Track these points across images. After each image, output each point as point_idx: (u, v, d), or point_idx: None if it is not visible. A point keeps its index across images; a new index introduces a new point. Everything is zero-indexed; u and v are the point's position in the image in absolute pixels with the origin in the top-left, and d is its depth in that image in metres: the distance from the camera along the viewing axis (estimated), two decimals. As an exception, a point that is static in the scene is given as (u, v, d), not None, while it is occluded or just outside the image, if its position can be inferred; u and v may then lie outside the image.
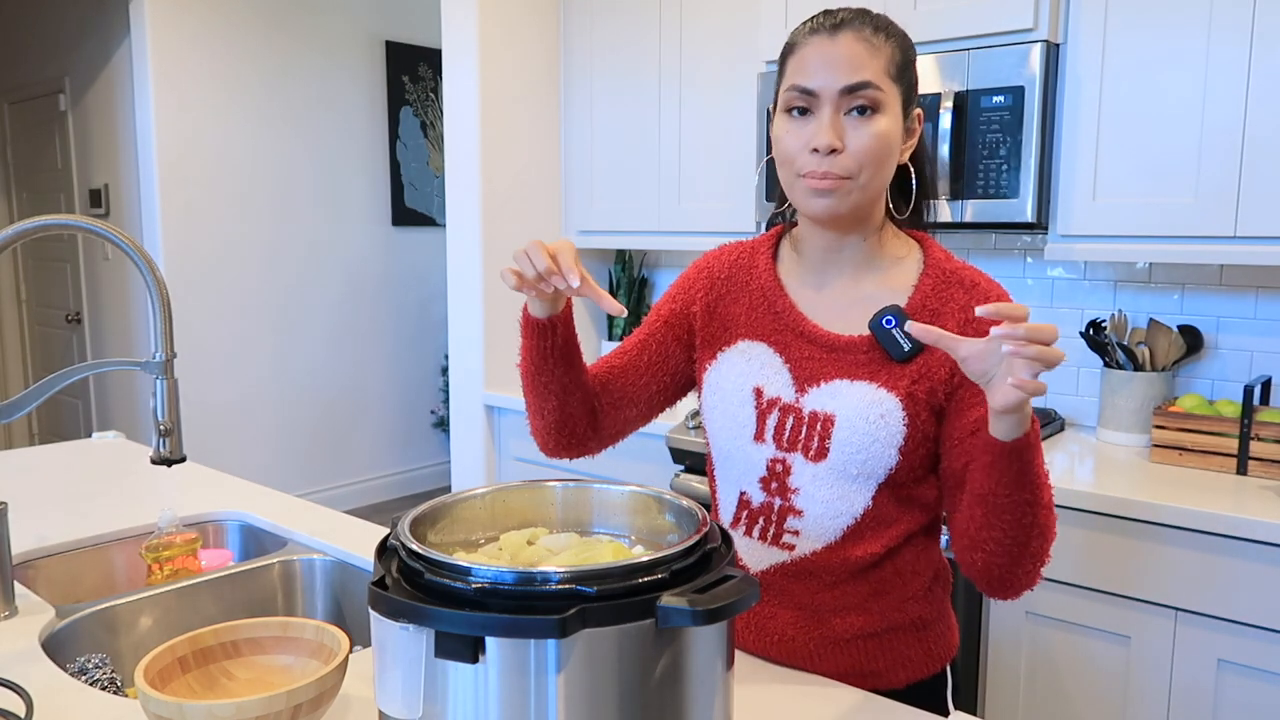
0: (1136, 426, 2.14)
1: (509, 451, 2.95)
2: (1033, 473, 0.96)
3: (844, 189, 1.05)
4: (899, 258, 1.14)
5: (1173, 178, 1.92)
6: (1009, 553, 1.00)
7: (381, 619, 0.74)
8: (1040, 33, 2.00)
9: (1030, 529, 0.99)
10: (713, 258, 1.25)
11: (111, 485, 1.88)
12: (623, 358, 1.25)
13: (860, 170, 1.04)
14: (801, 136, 1.05)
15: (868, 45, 1.04)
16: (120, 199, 4.43)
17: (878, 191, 1.09)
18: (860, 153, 1.03)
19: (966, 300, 1.08)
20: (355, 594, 1.49)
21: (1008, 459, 0.95)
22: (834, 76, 1.03)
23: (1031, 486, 0.97)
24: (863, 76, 1.03)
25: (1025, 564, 1.01)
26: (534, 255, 1.03)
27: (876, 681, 1.14)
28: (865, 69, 1.03)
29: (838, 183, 1.04)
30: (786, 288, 1.17)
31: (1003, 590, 1.05)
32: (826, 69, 1.03)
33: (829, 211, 1.06)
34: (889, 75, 1.04)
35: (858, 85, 1.03)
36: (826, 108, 1.04)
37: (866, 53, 1.03)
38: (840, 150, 1.03)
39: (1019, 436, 0.93)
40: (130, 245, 1.17)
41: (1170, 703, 1.76)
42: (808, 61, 1.05)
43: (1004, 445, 0.94)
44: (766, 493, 1.13)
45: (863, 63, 1.03)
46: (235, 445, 4.39)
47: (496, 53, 2.87)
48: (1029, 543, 1.00)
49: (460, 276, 2.98)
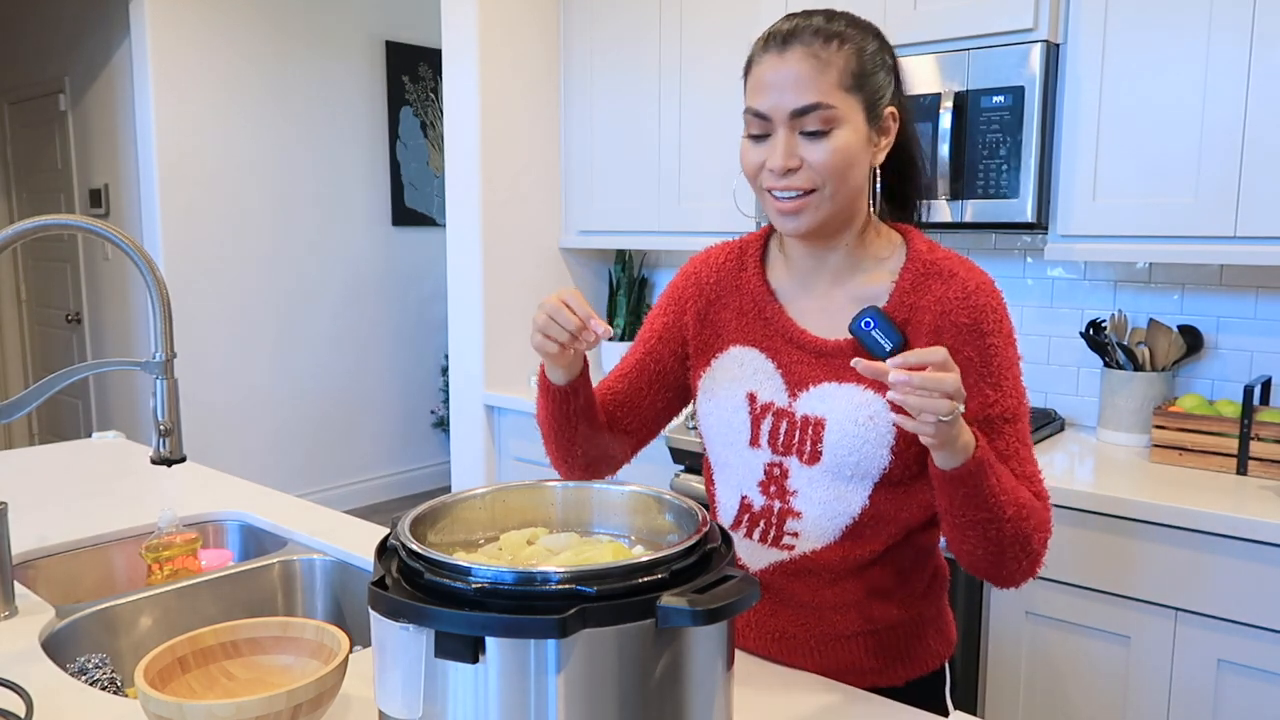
0: (1136, 426, 2.14)
1: (509, 451, 2.95)
2: (984, 495, 0.97)
3: (810, 204, 1.04)
4: (883, 257, 1.13)
5: (1173, 178, 1.92)
6: (988, 558, 1.03)
7: (381, 619, 0.74)
8: (1040, 33, 2.00)
9: (999, 541, 1.00)
10: (700, 263, 1.24)
11: (111, 485, 1.88)
12: (624, 381, 1.25)
13: (824, 181, 1.03)
14: (759, 156, 1.06)
15: (815, 62, 1.02)
16: (120, 199, 4.43)
17: (848, 200, 1.07)
18: (819, 167, 1.03)
19: (943, 292, 1.07)
20: (355, 594, 1.49)
21: (953, 485, 0.98)
22: (783, 98, 1.02)
23: (987, 507, 0.98)
24: (809, 99, 1.01)
25: (1009, 565, 1.03)
26: (560, 318, 1.03)
27: (876, 679, 1.14)
28: (812, 89, 1.01)
29: (803, 200, 1.04)
30: (775, 292, 1.17)
31: (999, 583, 1.06)
32: (776, 91, 1.03)
33: (798, 230, 1.07)
34: (842, 88, 1.02)
35: (805, 109, 1.01)
36: (781, 129, 1.03)
37: (814, 70, 1.01)
38: (796, 169, 1.03)
39: (958, 465, 0.96)
40: (130, 245, 1.17)
41: (1170, 703, 1.76)
42: (760, 82, 1.05)
43: (945, 473, 0.97)
44: (766, 496, 1.14)
45: (810, 83, 1.01)
46: (235, 445, 4.39)
47: (496, 53, 2.87)
48: (1004, 550, 1.01)
49: (460, 276, 2.98)
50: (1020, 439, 1.06)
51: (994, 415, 1.05)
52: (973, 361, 1.06)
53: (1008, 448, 1.05)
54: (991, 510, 0.98)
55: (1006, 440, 1.05)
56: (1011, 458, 1.05)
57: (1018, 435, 1.06)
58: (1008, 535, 1.00)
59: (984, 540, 1.01)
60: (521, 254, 3.02)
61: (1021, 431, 1.07)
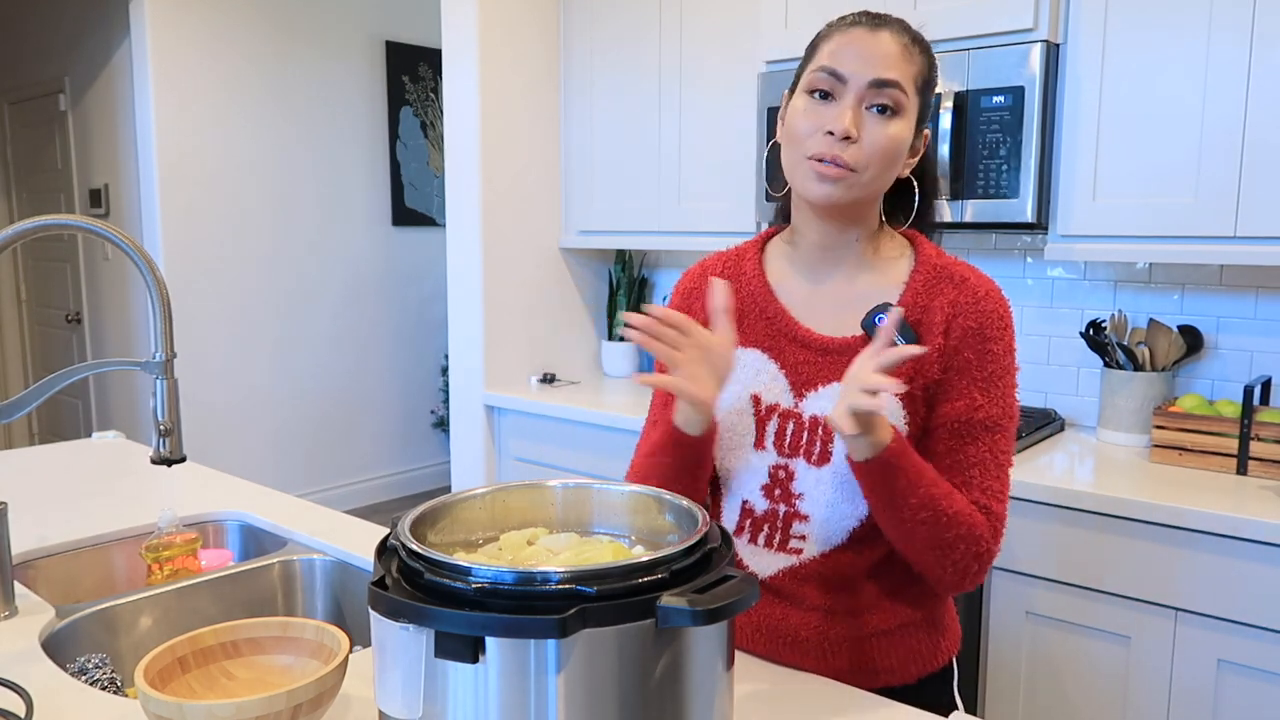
0: (1136, 426, 2.14)
1: (509, 451, 2.95)
2: (897, 495, 1.00)
3: (848, 180, 1.04)
4: (892, 258, 1.14)
5: (1173, 178, 1.92)
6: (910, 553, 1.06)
7: (381, 619, 0.74)
8: (1040, 33, 2.00)
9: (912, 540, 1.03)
10: (696, 276, 1.23)
11: (111, 485, 1.88)
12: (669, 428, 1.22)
13: (868, 165, 1.04)
14: (819, 119, 1.04)
15: (904, 50, 1.05)
16: (120, 199, 4.43)
17: (878, 192, 1.09)
18: (873, 148, 1.03)
19: (955, 295, 1.08)
20: (355, 594, 1.49)
21: (863, 476, 1.01)
22: (867, 67, 1.03)
23: (894, 506, 1.00)
24: (894, 75, 1.03)
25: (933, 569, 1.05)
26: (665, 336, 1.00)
27: (890, 678, 1.14)
28: (897, 69, 1.04)
29: (844, 173, 1.04)
30: (776, 291, 1.16)
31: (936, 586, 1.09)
32: (861, 59, 1.03)
33: (828, 199, 1.05)
34: (915, 85, 1.06)
35: (888, 82, 1.03)
36: (850, 96, 1.03)
37: (902, 55, 1.04)
38: (854, 140, 1.03)
39: (866, 458, 0.98)
40: (130, 245, 1.17)
41: (1170, 703, 1.76)
42: (843, 48, 1.05)
43: (852, 463, 1.01)
44: (770, 500, 1.13)
45: (896, 63, 1.04)
46: (235, 445, 4.39)
47: (496, 53, 2.87)
48: (922, 554, 1.04)
49: (460, 276, 2.98)
50: (995, 450, 1.07)
51: (976, 420, 1.06)
52: (970, 363, 1.06)
53: (978, 455, 1.06)
54: (899, 509, 1.01)
55: (980, 448, 1.06)
56: (976, 466, 1.06)
57: (993, 446, 1.06)
58: (920, 538, 1.02)
59: (898, 537, 1.04)
60: (521, 254, 3.02)
61: (999, 443, 1.07)
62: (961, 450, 1.06)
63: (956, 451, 1.06)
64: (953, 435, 1.06)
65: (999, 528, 1.06)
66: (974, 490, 1.06)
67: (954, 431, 1.06)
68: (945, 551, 1.02)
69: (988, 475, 1.06)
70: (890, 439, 0.98)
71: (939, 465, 1.06)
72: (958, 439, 1.06)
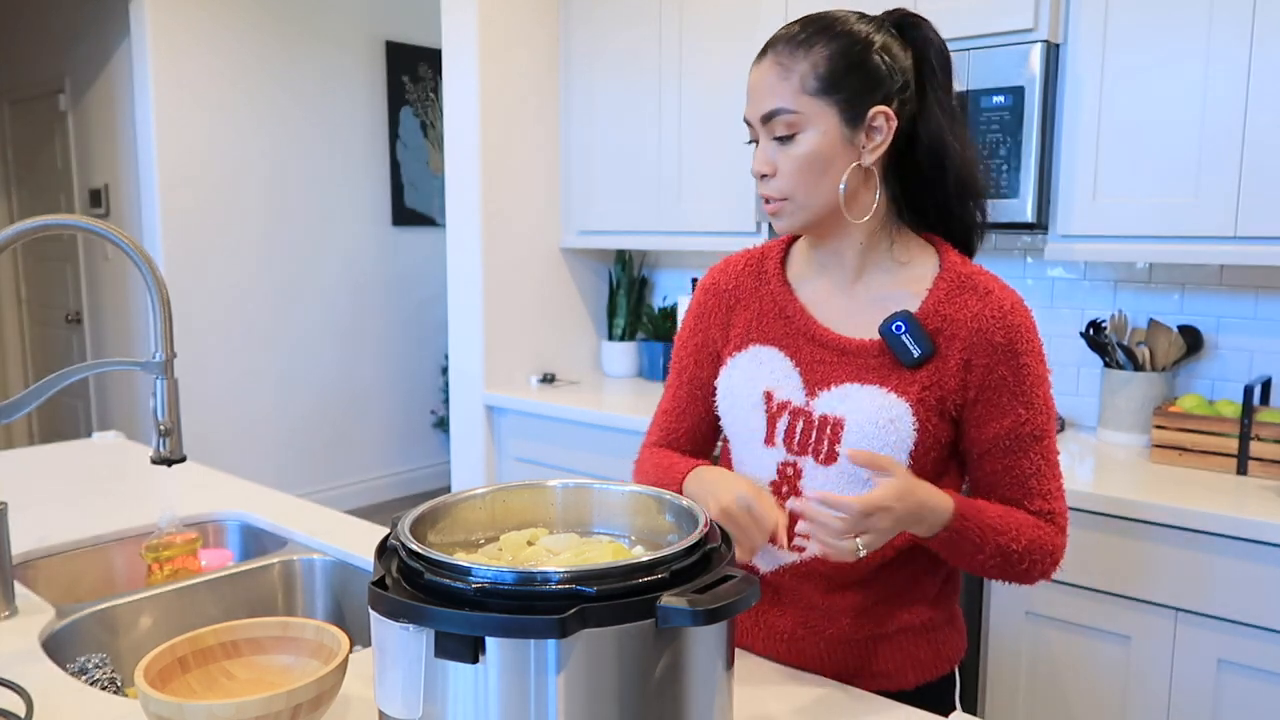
0: (1136, 426, 2.14)
1: (509, 451, 2.95)
2: (966, 553, 1.05)
3: (785, 209, 1.09)
4: (911, 261, 1.12)
5: (1173, 178, 1.92)
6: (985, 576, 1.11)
7: (381, 619, 0.74)
8: (1040, 33, 2.00)
9: (986, 571, 1.08)
10: (718, 272, 1.24)
11: (111, 485, 1.88)
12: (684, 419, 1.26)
13: (792, 189, 1.07)
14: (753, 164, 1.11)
15: (779, 69, 1.05)
16: (120, 199, 4.42)
17: (827, 201, 1.07)
18: (786, 174, 1.07)
19: (979, 308, 1.07)
20: (355, 594, 1.49)
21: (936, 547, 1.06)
22: (754, 105, 1.08)
23: (970, 560, 1.07)
24: (770, 105, 1.06)
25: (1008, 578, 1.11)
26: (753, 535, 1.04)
27: (886, 683, 1.14)
28: (773, 96, 1.05)
29: (778, 205, 1.09)
30: (797, 291, 1.17)
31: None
32: (752, 99, 1.09)
33: (782, 231, 1.13)
34: (806, 93, 1.04)
35: (769, 114, 1.06)
36: (761, 135, 1.09)
37: (777, 77, 1.06)
38: (770, 175, 1.08)
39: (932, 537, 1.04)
40: (130, 245, 1.16)
41: (1170, 703, 1.76)
42: (748, 90, 1.10)
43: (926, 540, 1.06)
44: (777, 496, 1.13)
45: (771, 90, 1.06)
46: (235, 445, 4.39)
47: (496, 53, 2.87)
48: (1004, 577, 1.10)
49: (460, 277, 2.98)
50: (1046, 456, 1.10)
51: (1024, 434, 1.08)
52: (1006, 381, 1.07)
53: (1033, 465, 1.09)
54: (969, 563, 1.07)
55: (1033, 458, 1.09)
56: (1033, 476, 1.09)
57: (1044, 452, 1.10)
58: (993, 573, 1.09)
59: (979, 571, 1.09)
60: (521, 254, 3.02)
61: (1048, 449, 1.10)
62: (1017, 465, 1.09)
63: (1013, 468, 1.09)
64: (1005, 453, 1.09)
65: (1064, 525, 1.11)
66: (1035, 499, 1.09)
67: (1006, 449, 1.09)
68: (1017, 574, 1.09)
69: (1045, 480, 1.10)
70: (949, 513, 1.02)
71: (998, 484, 1.10)
72: (1011, 455, 1.09)
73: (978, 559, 1.05)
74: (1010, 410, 1.07)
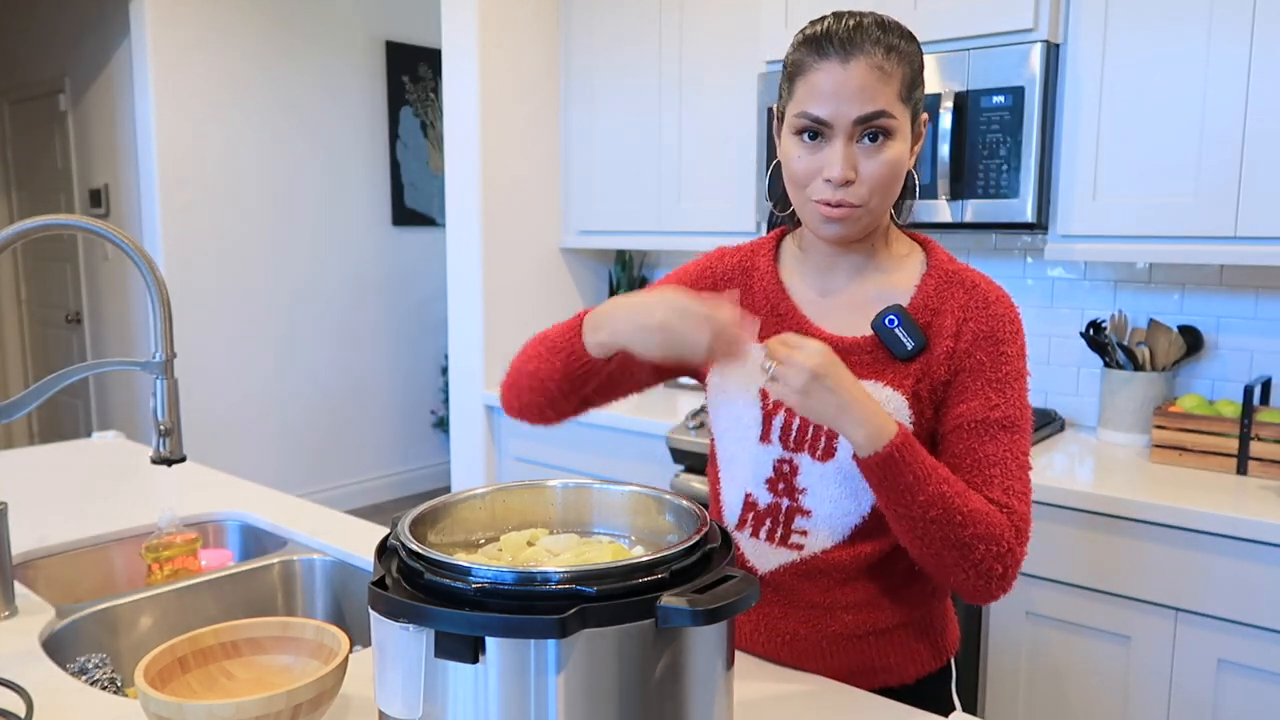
0: (1136, 427, 2.14)
1: (509, 451, 2.95)
2: (904, 490, 0.98)
3: (855, 215, 1.05)
4: (901, 257, 1.14)
5: (1173, 178, 1.92)
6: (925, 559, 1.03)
7: (381, 619, 0.74)
8: (1040, 33, 2.00)
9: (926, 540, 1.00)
10: (715, 259, 1.23)
11: (111, 485, 1.88)
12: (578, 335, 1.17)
13: (871, 197, 1.04)
14: (814, 163, 1.04)
15: (880, 73, 1.01)
16: (120, 199, 4.43)
17: (886, 211, 1.09)
18: (872, 181, 1.03)
19: (966, 300, 1.09)
20: (355, 594, 1.49)
21: (868, 473, 1.00)
22: (847, 107, 1.01)
23: (909, 504, 0.98)
24: (875, 106, 1.01)
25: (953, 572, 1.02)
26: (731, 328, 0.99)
27: (888, 678, 1.14)
28: (878, 98, 1.01)
29: (849, 211, 1.04)
30: (789, 290, 1.16)
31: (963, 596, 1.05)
32: (838, 99, 1.01)
33: (838, 236, 1.07)
34: (900, 99, 1.03)
35: (871, 115, 1.01)
36: (839, 137, 1.02)
37: (879, 81, 1.01)
38: (854, 181, 1.03)
39: (868, 454, 0.98)
40: (130, 245, 1.16)
41: (1170, 703, 1.76)
42: (819, 88, 1.02)
43: (858, 460, 1.00)
44: (773, 494, 1.13)
45: (875, 92, 1.01)
46: (235, 445, 4.39)
47: (496, 53, 2.87)
48: (939, 555, 1.01)
49: (460, 276, 2.98)
50: (1013, 449, 1.06)
51: (993, 419, 1.06)
52: (983, 365, 1.06)
53: (997, 454, 1.05)
54: (908, 506, 0.99)
55: (998, 446, 1.05)
56: (996, 465, 1.05)
57: (1012, 446, 1.06)
58: (935, 537, 0.99)
59: (913, 539, 1.01)
60: (521, 254, 3.02)
61: (1017, 443, 1.06)
62: (980, 449, 1.05)
63: (975, 451, 1.05)
64: (970, 435, 1.06)
65: (1023, 528, 1.03)
66: (994, 489, 1.04)
67: (971, 431, 1.06)
68: (964, 552, 1.00)
69: (1008, 474, 1.05)
70: (894, 433, 0.98)
71: (959, 467, 1.06)
72: (975, 438, 1.05)
73: (918, 500, 0.98)
74: (980, 393, 1.06)
